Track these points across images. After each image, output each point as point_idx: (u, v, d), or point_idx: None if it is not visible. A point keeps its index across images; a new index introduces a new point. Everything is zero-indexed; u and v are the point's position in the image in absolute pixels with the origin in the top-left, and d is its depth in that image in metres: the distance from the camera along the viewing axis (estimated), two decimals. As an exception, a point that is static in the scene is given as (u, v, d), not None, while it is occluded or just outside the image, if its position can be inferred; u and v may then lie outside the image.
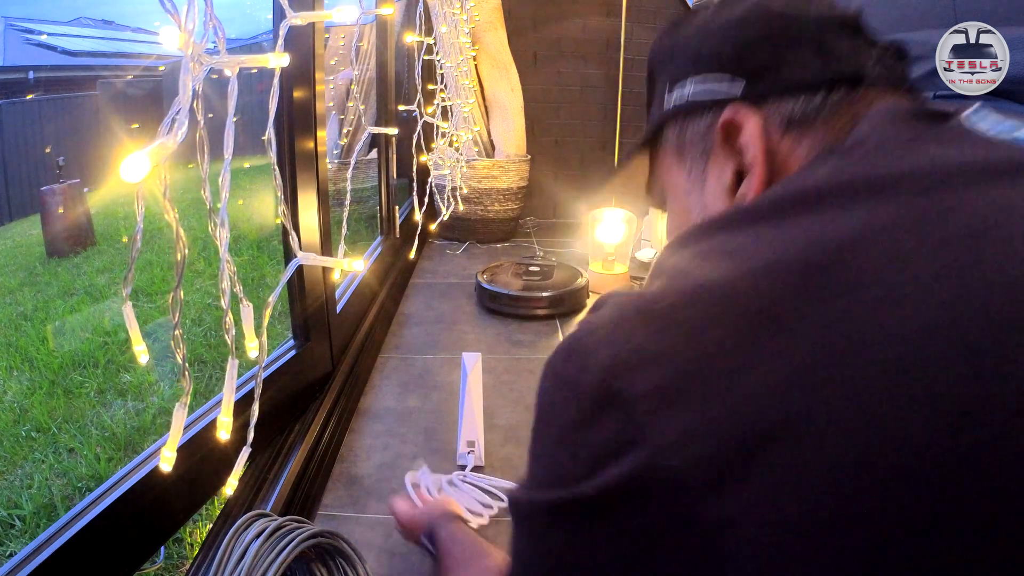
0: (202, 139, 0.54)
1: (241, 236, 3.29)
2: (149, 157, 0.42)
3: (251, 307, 0.65)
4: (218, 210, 0.56)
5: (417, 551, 0.88)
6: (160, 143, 0.43)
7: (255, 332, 0.66)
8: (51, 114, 3.75)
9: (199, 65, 0.49)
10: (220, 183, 0.56)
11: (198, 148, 0.54)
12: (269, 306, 0.69)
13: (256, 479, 0.90)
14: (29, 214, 3.72)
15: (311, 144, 1.05)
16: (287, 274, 0.72)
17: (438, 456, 1.11)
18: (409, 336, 1.65)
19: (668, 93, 0.45)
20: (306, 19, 0.72)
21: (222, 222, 0.56)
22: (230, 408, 0.63)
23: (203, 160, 0.54)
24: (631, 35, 2.83)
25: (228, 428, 0.63)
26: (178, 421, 0.55)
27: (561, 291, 1.81)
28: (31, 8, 4.27)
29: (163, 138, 0.43)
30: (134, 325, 0.52)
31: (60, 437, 1.71)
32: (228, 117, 0.55)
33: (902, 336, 0.24)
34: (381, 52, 1.96)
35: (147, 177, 0.43)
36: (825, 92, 0.38)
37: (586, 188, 2.97)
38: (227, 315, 0.59)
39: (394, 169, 1.99)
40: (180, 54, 0.46)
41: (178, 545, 1.16)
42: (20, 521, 1.35)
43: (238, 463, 0.69)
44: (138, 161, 0.41)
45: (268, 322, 0.69)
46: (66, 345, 2.28)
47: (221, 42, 0.54)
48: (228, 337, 0.60)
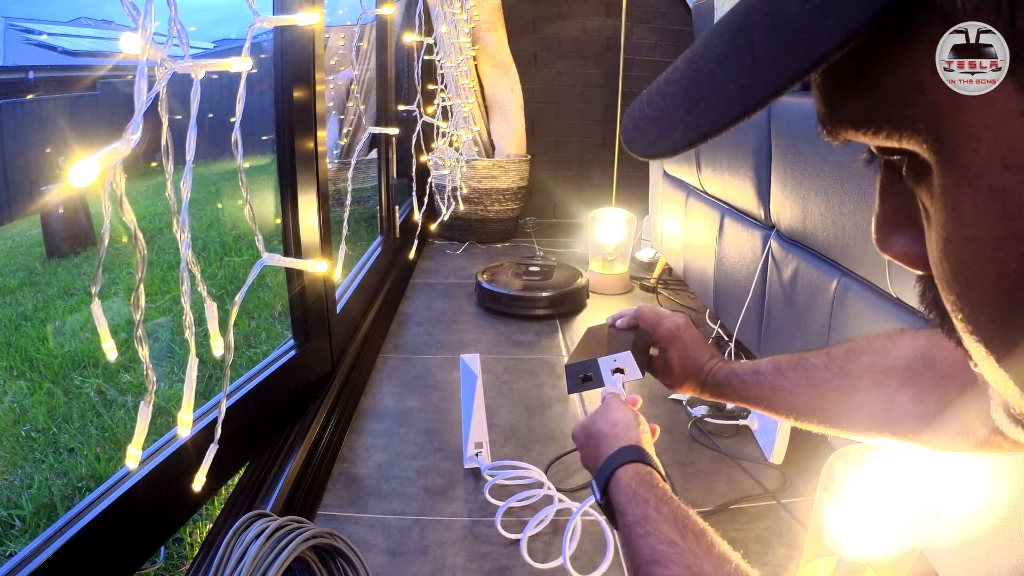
0: (167, 142, 0.54)
1: (241, 236, 3.29)
2: (98, 162, 0.42)
3: (215, 306, 0.65)
4: (180, 211, 0.56)
5: (416, 551, 0.88)
6: (111, 148, 0.43)
7: (219, 331, 0.66)
8: (51, 114, 3.75)
9: (163, 69, 0.49)
10: (181, 186, 0.56)
11: (163, 151, 0.54)
12: (235, 305, 0.69)
13: (256, 479, 0.90)
14: (29, 214, 3.72)
15: (311, 144, 1.05)
16: (252, 276, 0.72)
17: (439, 456, 1.11)
18: (409, 336, 1.65)
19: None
20: (272, 22, 0.73)
21: (183, 224, 0.56)
22: (190, 406, 0.63)
23: (167, 162, 0.55)
24: (631, 35, 2.83)
25: (188, 425, 0.63)
26: (143, 420, 0.55)
27: (561, 291, 1.81)
28: (31, 8, 4.28)
29: (115, 143, 0.44)
30: (102, 323, 0.53)
31: (60, 437, 1.71)
32: (191, 121, 0.55)
33: None
34: (381, 52, 1.96)
35: (101, 181, 0.43)
36: None
37: (586, 188, 2.97)
38: (187, 315, 0.60)
39: (394, 169, 1.99)
40: (136, 60, 0.47)
41: (178, 545, 1.16)
42: (20, 521, 1.35)
43: (205, 460, 0.68)
44: (87, 166, 0.42)
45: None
46: (66, 345, 2.28)
47: (185, 46, 0.54)
48: (189, 336, 0.60)
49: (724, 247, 1.41)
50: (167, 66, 0.50)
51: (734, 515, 0.97)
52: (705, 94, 0.23)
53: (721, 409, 1.25)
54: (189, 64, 0.53)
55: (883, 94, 0.21)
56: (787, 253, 1.09)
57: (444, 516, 0.96)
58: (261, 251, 0.73)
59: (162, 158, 0.54)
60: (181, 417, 0.63)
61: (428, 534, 0.91)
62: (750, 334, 1.27)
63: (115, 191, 0.47)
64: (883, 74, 0.20)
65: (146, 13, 0.46)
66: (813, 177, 0.96)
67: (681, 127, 0.24)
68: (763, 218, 1.21)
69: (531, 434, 1.19)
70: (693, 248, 1.64)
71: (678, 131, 0.24)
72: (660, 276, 2.08)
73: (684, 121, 0.24)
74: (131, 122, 0.45)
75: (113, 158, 0.44)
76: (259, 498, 0.86)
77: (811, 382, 0.57)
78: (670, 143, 0.24)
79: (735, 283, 1.34)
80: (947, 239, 0.21)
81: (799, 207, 1.02)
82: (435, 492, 1.01)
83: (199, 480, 0.69)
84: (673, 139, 0.24)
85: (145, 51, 0.46)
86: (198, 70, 0.54)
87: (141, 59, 0.47)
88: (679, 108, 0.24)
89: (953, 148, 0.20)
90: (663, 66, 0.91)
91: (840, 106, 0.23)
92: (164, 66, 0.49)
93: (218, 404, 0.70)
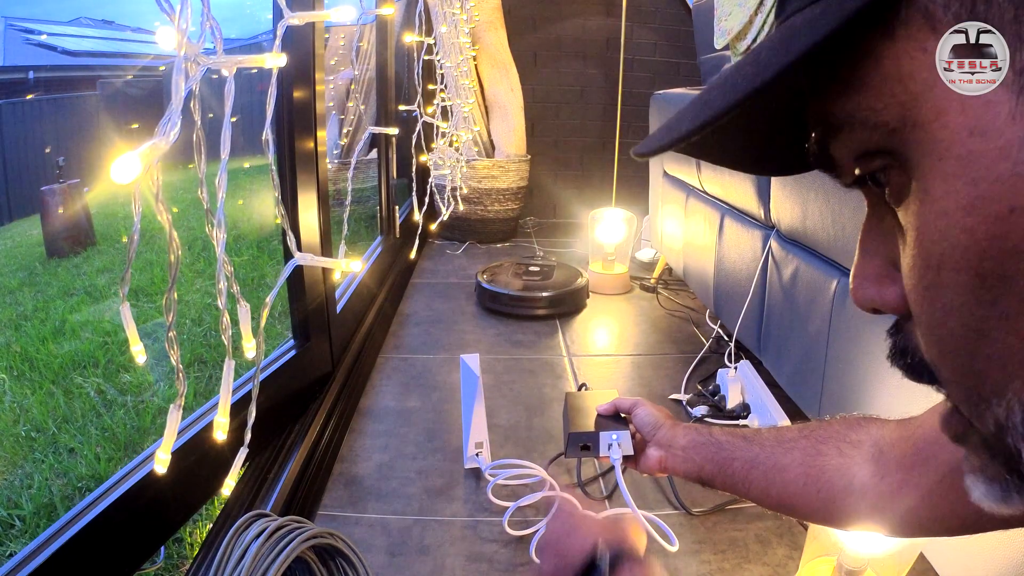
0: (199, 139, 0.54)
1: (241, 236, 3.29)
2: (140, 158, 0.42)
3: (248, 307, 0.65)
4: (215, 211, 0.56)
5: (416, 551, 0.88)
6: (151, 144, 0.43)
7: (251, 332, 0.66)
8: (51, 114, 3.75)
9: (196, 65, 0.49)
10: (216, 184, 0.56)
11: (195, 148, 0.54)
12: (267, 307, 0.69)
13: (256, 479, 0.90)
14: (29, 214, 3.72)
15: (311, 144, 1.05)
16: (284, 274, 0.72)
17: (439, 456, 1.11)
18: (409, 336, 1.65)
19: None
20: (304, 19, 0.72)
21: (219, 223, 0.56)
22: (227, 409, 0.63)
23: (200, 161, 0.54)
24: (631, 35, 2.83)
25: (225, 429, 0.63)
26: (172, 423, 0.55)
27: (561, 291, 1.81)
28: (31, 8, 4.28)
29: (155, 139, 0.43)
30: (132, 325, 0.52)
31: (60, 437, 1.71)
32: (225, 118, 0.55)
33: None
34: (381, 52, 1.96)
35: (142, 178, 0.43)
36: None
37: (586, 188, 2.97)
38: (224, 316, 0.59)
39: (394, 169, 1.99)
40: (175, 54, 0.46)
41: (178, 545, 1.16)
42: (20, 521, 1.35)
43: (235, 464, 0.69)
44: (129, 162, 0.41)
45: (268, 322, 0.69)
46: (66, 345, 2.28)
47: (218, 43, 0.54)
48: (225, 338, 0.60)
49: (724, 247, 1.41)
50: (200, 62, 0.49)
51: (734, 515, 0.96)
52: (711, 96, 0.25)
53: (721, 409, 1.25)
54: (223, 60, 0.52)
55: (867, 88, 0.22)
56: (787, 253, 1.10)
57: (444, 516, 0.96)
58: (293, 251, 0.72)
59: (194, 155, 0.54)
60: (218, 420, 0.63)
61: (428, 534, 0.91)
62: (750, 334, 1.27)
63: (147, 190, 0.47)
64: (869, 71, 0.22)
65: (181, 10, 0.46)
66: (813, 177, 0.96)
67: (688, 119, 0.25)
68: (763, 218, 1.21)
69: (531, 434, 1.19)
70: (693, 248, 1.64)
71: (685, 123, 0.25)
72: (660, 276, 2.08)
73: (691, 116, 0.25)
74: (167, 118, 0.44)
75: (154, 154, 0.43)
76: (259, 498, 0.86)
77: (780, 438, 0.56)
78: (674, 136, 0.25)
79: (735, 283, 1.34)
80: (918, 226, 0.22)
81: (799, 207, 1.02)
82: (435, 492, 1.01)
83: (228, 485, 0.69)
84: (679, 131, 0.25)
85: (183, 46, 0.46)
86: (231, 66, 0.54)
87: (179, 54, 0.46)
88: (687, 112, 0.26)
89: (926, 127, 0.20)
90: (663, 66, 0.91)
91: (829, 106, 0.24)
92: (198, 62, 0.49)
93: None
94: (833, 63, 0.23)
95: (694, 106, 0.25)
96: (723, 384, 1.28)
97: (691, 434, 0.62)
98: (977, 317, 0.21)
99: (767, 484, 0.55)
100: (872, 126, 0.22)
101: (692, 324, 1.75)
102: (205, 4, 0.51)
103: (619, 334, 1.73)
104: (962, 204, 0.20)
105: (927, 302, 0.22)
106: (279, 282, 0.71)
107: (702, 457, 0.60)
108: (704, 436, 0.61)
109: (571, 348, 1.60)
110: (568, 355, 1.56)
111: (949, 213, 0.20)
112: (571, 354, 1.56)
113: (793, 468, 0.53)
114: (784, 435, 0.56)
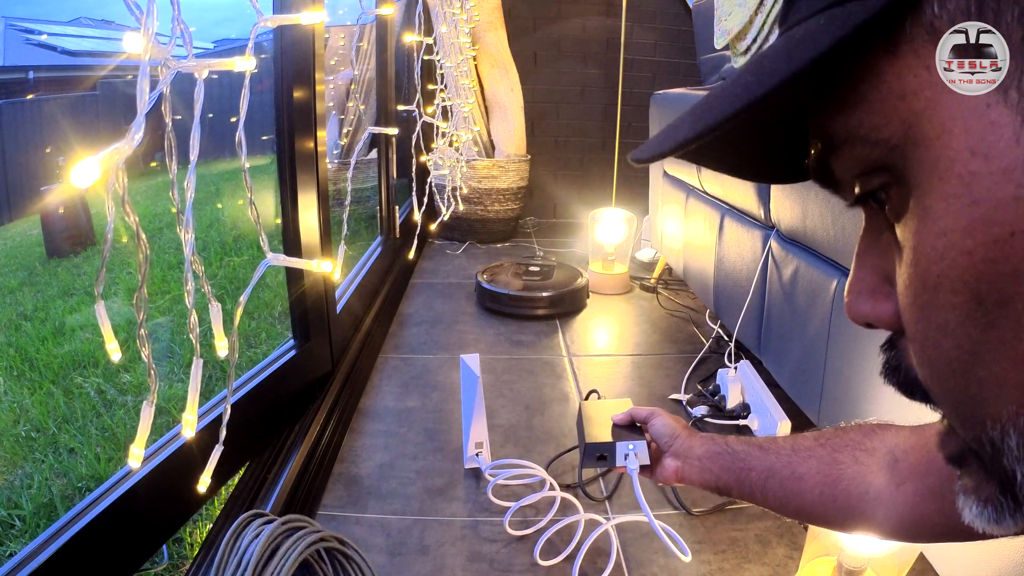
0: (171, 142, 0.54)
1: (241, 236, 3.29)
2: (100, 163, 0.42)
3: (219, 307, 0.65)
4: (184, 211, 0.56)
5: (416, 551, 0.88)
6: (113, 148, 0.43)
7: (223, 331, 0.66)
8: (51, 114, 3.74)
9: (166, 68, 0.49)
10: (185, 185, 0.56)
11: (166, 151, 0.54)
12: (240, 305, 0.69)
13: (256, 479, 0.90)
14: (29, 214, 3.72)
15: (311, 144, 1.05)
16: (256, 276, 0.72)
17: (439, 456, 1.11)
18: (409, 336, 1.65)
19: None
20: (275, 22, 0.73)
21: (187, 224, 0.56)
22: (195, 406, 0.63)
23: (171, 162, 0.54)
24: (631, 35, 2.83)
25: (192, 426, 0.63)
26: (146, 420, 0.55)
27: (561, 291, 1.81)
28: (31, 8, 4.27)
29: (117, 143, 0.44)
30: (107, 324, 0.52)
31: (60, 437, 1.71)
32: (195, 120, 0.55)
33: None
34: (381, 52, 1.96)
35: (103, 181, 0.43)
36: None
37: (586, 188, 2.97)
38: (191, 315, 0.60)
39: (394, 169, 1.99)
40: (139, 60, 0.46)
41: (178, 545, 1.16)
42: (20, 521, 1.34)
43: (210, 462, 0.68)
44: (89, 166, 0.42)
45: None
46: (66, 345, 2.28)
47: (188, 46, 0.54)
48: (193, 336, 0.60)
49: (724, 247, 1.41)
50: (170, 66, 0.49)
51: (734, 515, 0.97)
52: (710, 103, 0.24)
53: (721, 409, 1.25)
54: (192, 64, 0.52)
55: (869, 104, 0.22)
56: (787, 253, 1.10)
57: (444, 516, 0.96)
58: (266, 251, 0.73)
59: (164, 158, 0.54)
60: (185, 418, 0.63)
61: (428, 534, 0.91)
62: (750, 334, 1.27)
63: (117, 191, 0.47)
64: (871, 86, 0.21)
65: (148, 12, 0.46)
66: (813, 177, 0.96)
67: (687, 126, 0.25)
68: (763, 218, 1.21)
69: (531, 434, 1.19)
70: (693, 248, 1.64)
71: (684, 130, 0.25)
72: (660, 276, 2.08)
73: (691, 121, 0.25)
74: (134, 122, 0.45)
75: (115, 158, 0.44)
76: (259, 498, 0.86)
77: (796, 447, 0.56)
78: (672, 143, 0.25)
79: (735, 283, 1.34)
80: (916, 245, 0.22)
81: (799, 207, 1.02)
82: (435, 492, 1.01)
83: (203, 481, 0.69)
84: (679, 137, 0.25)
85: (148, 51, 0.46)
86: (201, 70, 0.54)
87: (144, 59, 0.46)
88: (686, 119, 0.25)
89: (928, 146, 0.20)
90: (663, 66, 0.92)
91: (829, 120, 0.24)
92: (167, 66, 0.49)
93: (220, 404, 0.70)
94: (835, 77, 0.23)
95: (693, 113, 0.25)
96: (723, 384, 1.28)
97: (707, 444, 0.63)
98: (972, 339, 0.20)
99: (785, 494, 0.55)
100: (873, 142, 0.22)
101: (692, 324, 1.75)
102: (175, 7, 0.51)
103: (619, 334, 1.73)
104: (961, 225, 0.20)
105: (922, 321, 0.22)
106: (251, 283, 0.71)
107: (719, 467, 0.61)
108: (720, 446, 0.62)
109: (571, 348, 1.60)
110: (568, 355, 1.56)
111: (948, 233, 0.20)
112: (571, 354, 1.56)
113: (810, 477, 0.54)
114: (800, 444, 0.57)
